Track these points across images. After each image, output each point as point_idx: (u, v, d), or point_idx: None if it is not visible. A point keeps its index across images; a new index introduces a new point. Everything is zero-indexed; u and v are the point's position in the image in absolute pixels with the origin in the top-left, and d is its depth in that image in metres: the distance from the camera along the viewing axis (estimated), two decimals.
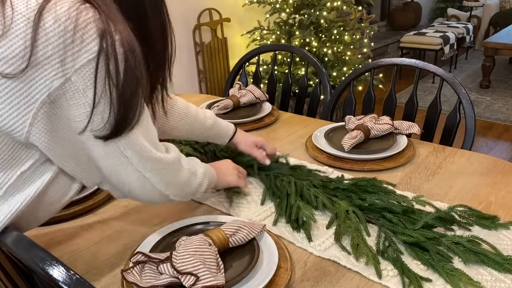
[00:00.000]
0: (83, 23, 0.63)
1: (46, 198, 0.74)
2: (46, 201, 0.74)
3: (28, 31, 0.61)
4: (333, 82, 3.22)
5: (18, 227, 0.72)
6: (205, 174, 0.93)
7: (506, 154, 3.26)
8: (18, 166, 0.69)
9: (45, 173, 0.72)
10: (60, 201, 0.77)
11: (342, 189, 1.06)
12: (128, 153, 0.74)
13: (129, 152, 0.74)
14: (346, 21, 3.35)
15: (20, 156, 0.68)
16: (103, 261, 0.89)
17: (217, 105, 1.59)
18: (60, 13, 0.62)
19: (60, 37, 0.62)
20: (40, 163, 0.71)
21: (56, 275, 0.54)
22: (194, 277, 0.72)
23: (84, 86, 0.65)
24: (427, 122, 1.51)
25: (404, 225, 0.92)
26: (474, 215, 0.95)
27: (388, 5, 6.27)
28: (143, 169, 0.77)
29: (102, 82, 0.65)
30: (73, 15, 0.62)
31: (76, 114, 0.67)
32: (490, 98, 4.35)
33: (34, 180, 0.71)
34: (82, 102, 0.66)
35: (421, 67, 1.52)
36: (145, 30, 0.74)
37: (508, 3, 6.30)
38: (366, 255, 0.85)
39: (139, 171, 0.76)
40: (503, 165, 1.19)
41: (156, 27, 0.76)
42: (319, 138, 1.36)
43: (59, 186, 0.75)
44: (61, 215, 1.02)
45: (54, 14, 0.62)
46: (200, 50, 3.44)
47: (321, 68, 1.77)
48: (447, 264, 0.82)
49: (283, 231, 0.96)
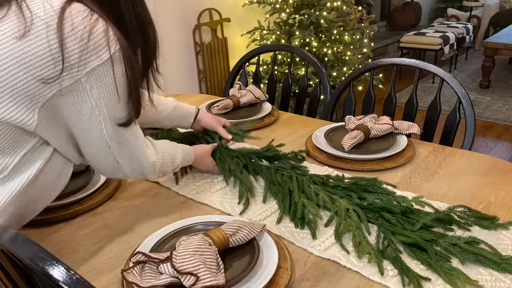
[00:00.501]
0: (95, 33, 0.73)
1: (44, 177, 0.82)
2: (44, 181, 0.83)
3: (51, 36, 0.70)
4: (333, 82, 3.21)
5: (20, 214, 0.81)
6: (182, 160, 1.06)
7: (506, 154, 3.26)
8: (21, 149, 0.77)
9: (43, 154, 0.81)
10: (56, 183, 0.86)
11: (342, 188, 1.06)
12: (112, 143, 0.85)
13: (113, 143, 0.85)
14: (346, 21, 3.35)
15: (22, 140, 0.77)
16: (103, 261, 0.89)
17: (217, 105, 1.59)
18: (76, 22, 0.72)
19: (75, 43, 0.72)
20: (39, 145, 0.80)
21: (56, 275, 0.54)
22: (194, 277, 0.72)
23: (91, 87, 0.76)
24: (427, 122, 1.51)
25: (402, 226, 0.92)
26: (473, 215, 0.95)
27: (388, 5, 6.27)
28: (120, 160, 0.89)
29: (104, 84, 0.77)
30: (87, 24, 0.73)
31: (77, 109, 0.78)
32: (490, 98, 4.35)
33: (34, 160, 0.80)
34: (86, 99, 0.77)
35: (421, 67, 1.52)
36: (122, 25, 0.81)
37: (508, 3, 6.30)
38: (369, 253, 0.86)
39: (118, 161, 0.88)
40: (503, 165, 1.19)
41: (133, 23, 0.83)
42: (319, 138, 1.36)
43: (55, 166, 0.84)
44: (61, 215, 1.02)
45: (71, 22, 0.72)
46: (200, 50, 3.45)
47: (321, 68, 1.77)
48: (445, 263, 0.82)
49: (283, 231, 0.96)
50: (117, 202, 1.11)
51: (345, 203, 0.99)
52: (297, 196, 1.03)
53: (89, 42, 0.73)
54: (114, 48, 0.76)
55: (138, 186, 1.18)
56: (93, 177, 1.17)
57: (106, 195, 1.10)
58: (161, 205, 1.08)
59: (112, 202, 1.11)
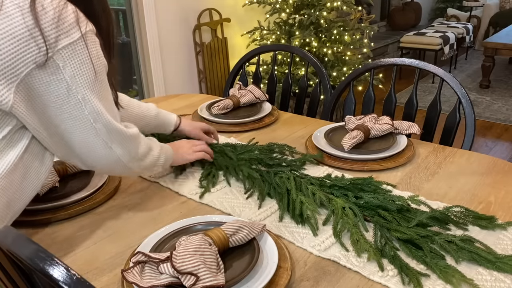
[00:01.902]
0: (65, 13, 0.77)
1: (25, 164, 0.84)
2: (26, 170, 0.84)
3: (26, 15, 0.74)
4: (333, 82, 3.21)
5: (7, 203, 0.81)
6: (162, 148, 1.07)
7: (506, 154, 3.26)
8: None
9: (22, 139, 0.83)
10: (39, 172, 0.87)
11: (339, 187, 1.06)
12: (97, 125, 0.85)
13: (99, 125, 0.85)
14: (346, 21, 3.35)
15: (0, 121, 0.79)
16: (103, 261, 0.89)
17: (217, 105, 1.59)
18: (46, 3, 0.76)
19: (47, 22, 0.75)
20: (17, 129, 0.81)
21: (56, 275, 0.54)
22: (194, 277, 0.72)
23: (64, 64, 0.78)
24: (427, 122, 1.51)
25: (398, 223, 0.92)
26: (470, 215, 0.95)
27: (388, 5, 6.27)
28: (109, 141, 0.89)
29: (78, 62, 0.80)
30: (57, 6, 0.77)
31: (53, 89, 0.79)
32: (489, 98, 4.35)
33: (13, 145, 0.81)
34: (61, 77, 0.79)
35: (421, 67, 1.52)
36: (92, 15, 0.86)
37: (508, 3, 6.30)
38: (367, 250, 0.86)
39: (106, 142, 0.88)
40: (503, 165, 1.19)
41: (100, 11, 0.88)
42: (319, 138, 1.36)
43: (35, 153, 0.86)
44: (61, 215, 1.02)
45: (41, 4, 0.75)
46: (200, 50, 3.45)
47: (321, 68, 1.77)
48: (440, 261, 0.82)
49: (283, 231, 0.96)
50: (117, 202, 1.11)
51: (341, 202, 1.00)
52: (295, 194, 1.04)
53: (59, 21, 0.76)
54: (85, 29, 0.80)
55: (138, 186, 1.18)
56: (93, 177, 1.17)
57: (106, 195, 1.10)
58: (161, 205, 1.08)
59: (112, 202, 1.11)
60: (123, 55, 3.35)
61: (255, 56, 1.96)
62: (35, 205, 1.02)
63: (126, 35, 3.27)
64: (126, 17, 3.16)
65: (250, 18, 3.67)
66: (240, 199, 1.09)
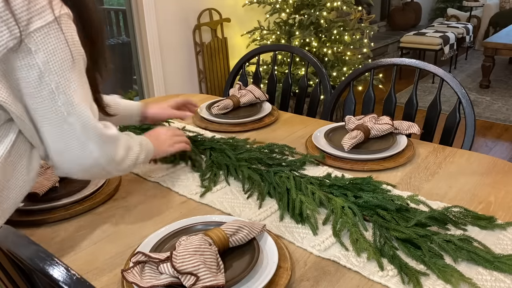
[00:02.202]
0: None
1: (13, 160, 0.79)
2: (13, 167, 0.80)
3: None
4: (333, 82, 3.22)
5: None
6: (141, 144, 1.00)
7: (506, 154, 3.26)
8: None
9: (10, 133, 0.78)
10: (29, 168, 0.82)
11: (338, 187, 1.07)
12: (71, 119, 0.79)
13: (73, 118, 0.79)
14: (346, 21, 3.35)
15: None
16: (103, 261, 0.89)
17: (217, 105, 1.59)
18: None
19: (18, 3, 0.72)
20: (3, 122, 0.77)
21: (56, 275, 0.54)
22: (194, 277, 0.72)
23: (36, 48, 0.74)
24: (427, 122, 1.51)
25: (397, 223, 0.92)
26: (469, 215, 0.95)
27: (388, 5, 6.27)
28: (85, 139, 0.82)
29: (52, 46, 0.75)
30: None
31: (25, 76, 0.75)
32: (489, 98, 4.35)
33: (2, 137, 0.77)
34: (33, 63, 0.74)
35: (421, 67, 1.52)
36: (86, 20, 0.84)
37: (508, 3, 6.30)
38: (367, 249, 0.86)
39: (81, 141, 0.81)
40: (503, 165, 1.19)
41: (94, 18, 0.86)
42: (319, 138, 1.36)
43: (22, 149, 0.81)
44: (61, 215, 1.02)
45: None
46: (200, 50, 3.44)
47: (321, 68, 1.77)
48: (439, 260, 0.82)
49: (283, 231, 0.96)
50: (117, 202, 1.11)
51: (341, 201, 1.00)
52: (295, 194, 1.04)
53: (30, 3, 0.73)
54: (59, 12, 0.76)
55: (138, 186, 1.18)
56: None
57: (106, 195, 1.10)
58: (161, 205, 1.08)
59: (112, 202, 1.11)
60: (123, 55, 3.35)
61: (255, 56, 1.96)
62: (35, 205, 1.02)
63: (126, 35, 3.27)
64: (126, 17, 3.16)
65: (250, 18, 3.67)
66: (240, 199, 1.09)
